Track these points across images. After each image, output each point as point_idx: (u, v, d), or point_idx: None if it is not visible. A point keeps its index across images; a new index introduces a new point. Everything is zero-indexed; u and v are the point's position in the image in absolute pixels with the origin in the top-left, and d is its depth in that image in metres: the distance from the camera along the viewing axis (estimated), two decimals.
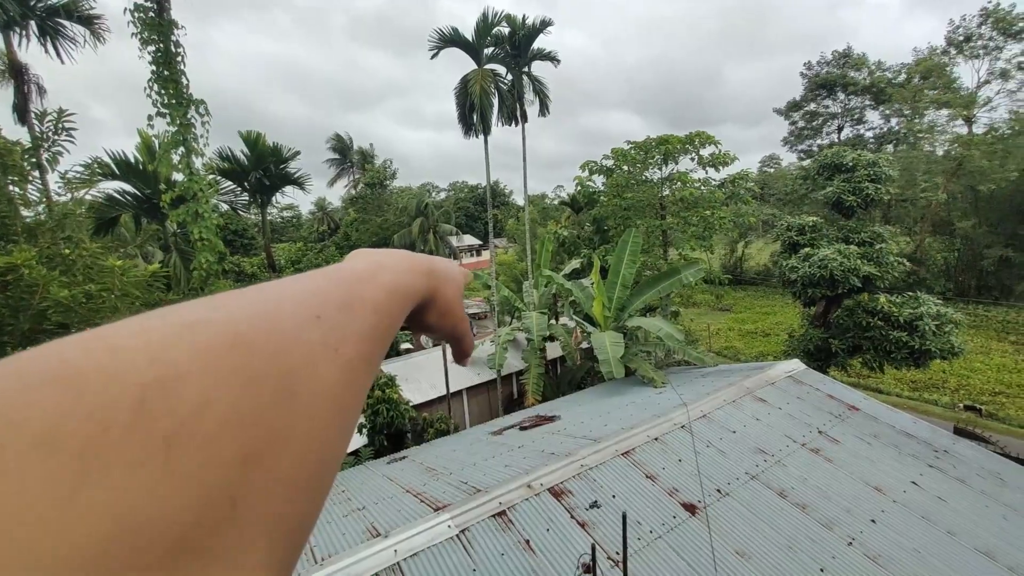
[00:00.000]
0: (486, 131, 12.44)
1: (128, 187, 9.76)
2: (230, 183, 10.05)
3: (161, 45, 7.77)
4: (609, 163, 15.22)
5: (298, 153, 11.32)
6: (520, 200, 72.32)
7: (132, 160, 9.26)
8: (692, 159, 14.01)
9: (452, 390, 12.31)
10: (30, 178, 6.18)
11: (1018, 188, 27.05)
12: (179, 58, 7.85)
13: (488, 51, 12.14)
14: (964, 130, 30.90)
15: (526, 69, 12.89)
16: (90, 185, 8.27)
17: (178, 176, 8.27)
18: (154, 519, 0.17)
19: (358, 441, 10.50)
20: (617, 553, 4.80)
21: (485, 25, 11.65)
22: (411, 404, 10.86)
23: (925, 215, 30.21)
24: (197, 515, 0.19)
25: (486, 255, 63.58)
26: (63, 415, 0.17)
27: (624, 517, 4.11)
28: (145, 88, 7.75)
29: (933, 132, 30.99)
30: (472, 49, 12.02)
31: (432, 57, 12.36)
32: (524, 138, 13.22)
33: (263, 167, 9.73)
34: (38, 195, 6.81)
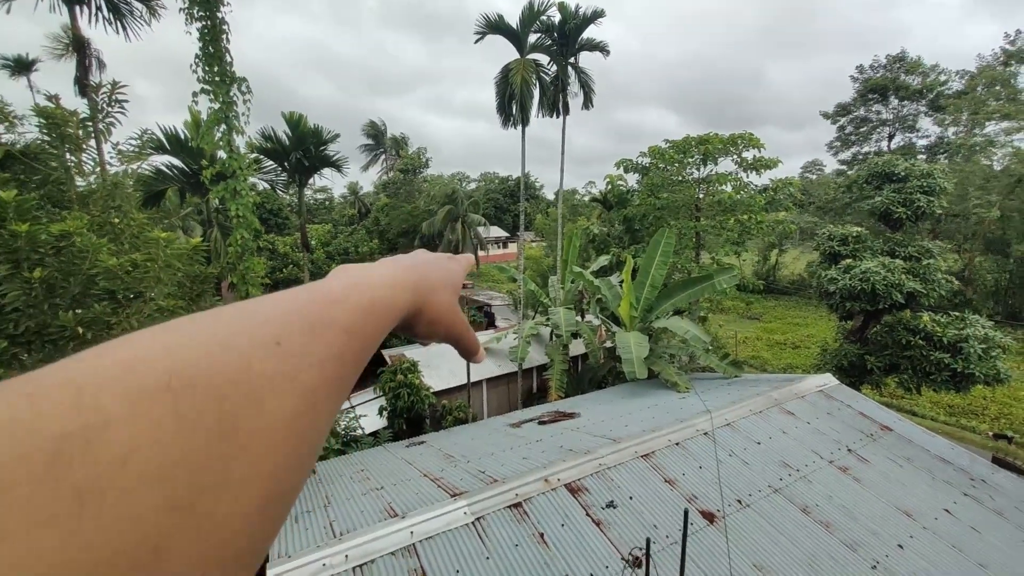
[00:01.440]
0: (524, 122, 12.35)
1: (176, 162, 10.17)
2: (271, 162, 10.35)
3: (208, 22, 7.85)
4: (645, 161, 14.94)
5: (338, 136, 11.51)
6: (550, 194, 71.96)
7: (181, 136, 9.63)
8: (734, 160, 13.60)
9: (472, 380, 12.40)
10: (84, 147, 6.46)
11: None
12: (224, 35, 7.95)
13: (532, 39, 12.02)
14: None
15: (572, 60, 12.70)
16: (142, 158, 8.61)
17: (220, 153, 8.51)
18: None
19: (378, 423, 10.73)
20: (630, 553, 4.77)
21: (531, 13, 11.49)
22: (432, 390, 11.01)
23: (977, 232, 28.65)
24: (112, 569, 0.18)
25: (512, 247, 63.56)
26: None
27: (686, 513, 4.09)
28: (191, 64, 7.94)
29: (994, 145, 29.26)
30: (515, 37, 11.89)
31: (476, 42, 12.35)
32: (564, 131, 13.07)
33: (303, 148, 9.95)
34: (92, 164, 7.11)
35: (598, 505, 5.30)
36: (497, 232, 60.63)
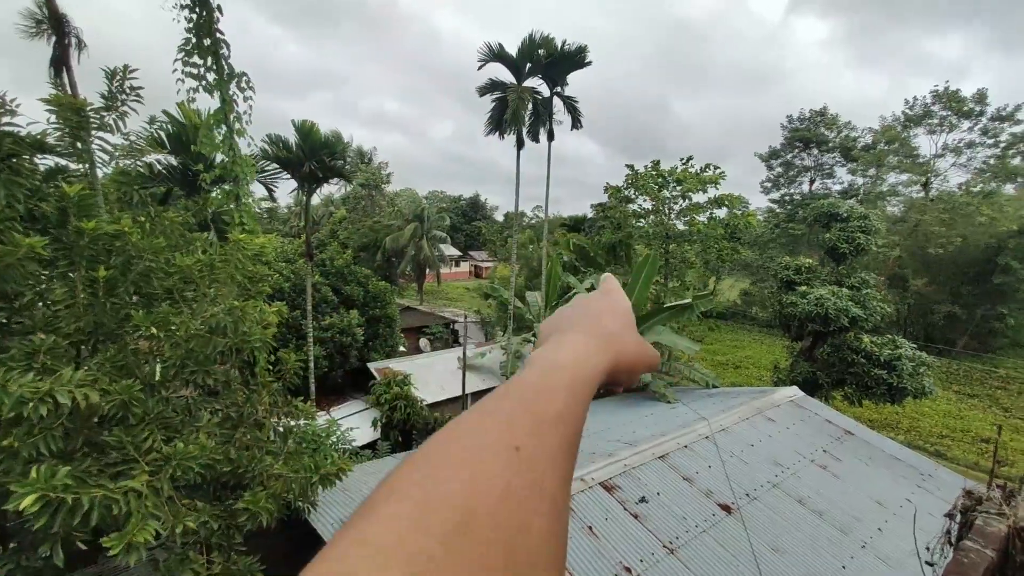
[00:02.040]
0: (520, 144, 13.12)
1: (170, 159, 9.70)
2: (274, 166, 10.13)
3: (201, 11, 7.06)
4: (624, 186, 16.08)
5: (349, 145, 11.56)
6: (500, 216, 73.21)
7: (180, 133, 9.21)
8: (703, 192, 15.02)
9: (460, 394, 12.58)
10: (95, 139, 6.09)
11: (963, 252, 29.89)
12: (218, 23, 7.19)
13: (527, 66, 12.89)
14: (922, 195, 34.01)
15: (558, 89, 13.67)
16: (146, 153, 8.23)
17: (218, 155, 8.11)
18: None
19: (373, 435, 10.62)
20: (671, 542, 5.29)
21: (531, 45, 12.44)
22: (425, 403, 11.09)
23: (883, 269, 32.81)
24: None
25: (465, 266, 63.84)
26: None
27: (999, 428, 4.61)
28: (177, 58, 7.10)
29: (894, 194, 33.94)
30: (514, 66, 12.74)
31: (479, 68, 13.11)
32: (549, 157, 13.96)
33: (316, 158, 9.89)
34: (108, 158, 6.81)
35: (632, 500, 5.78)
36: (451, 251, 60.81)
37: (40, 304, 4.48)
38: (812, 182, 39.25)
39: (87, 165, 6.10)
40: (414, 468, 0.28)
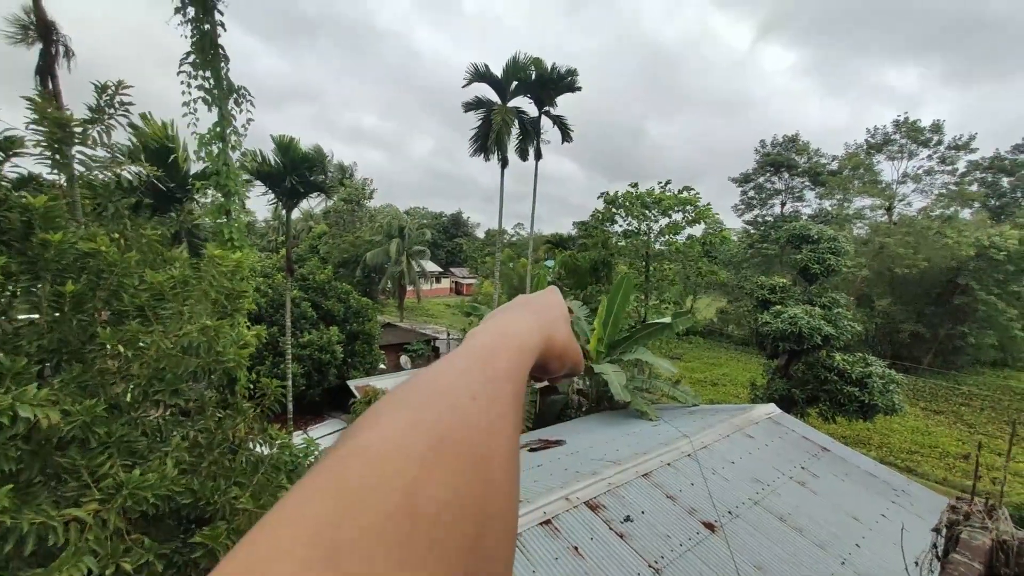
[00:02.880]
0: (504, 163, 13.29)
1: (140, 170, 9.44)
2: (259, 183, 10.04)
3: (203, 24, 7.09)
4: (603, 209, 16.44)
5: (327, 159, 11.51)
6: (481, 233, 73.61)
7: (158, 145, 9.03)
8: (680, 213, 15.47)
9: None
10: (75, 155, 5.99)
11: (926, 274, 31.29)
12: (219, 38, 7.25)
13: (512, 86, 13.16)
14: (886, 218, 35.60)
15: (547, 109, 13.97)
16: (123, 165, 8.01)
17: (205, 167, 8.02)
18: None
19: None
20: (656, 562, 5.27)
21: (515, 66, 12.70)
22: None
23: (851, 290, 34.03)
24: None
25: (445, 283, 63.62)
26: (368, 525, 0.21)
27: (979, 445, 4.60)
28: (181, 71, 7.09)
29: (860, 218, 35.44)
30: (499, 86, 12.98)
31: (464, 86, 13.31)
32: (536, 175, 14.21)
33: (298, 173, 9.81)
34: (84, 169, 6.65)
35: (617, 519, 5.76)
36: (432, 267, 60.63)
37: (2, 318, 4.27)
38: (783, 204, 40.78)
39: (63, 177, 5.92)
40: (391, 404, 0.31)
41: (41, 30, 9.61)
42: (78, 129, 5.85)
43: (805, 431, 9.14)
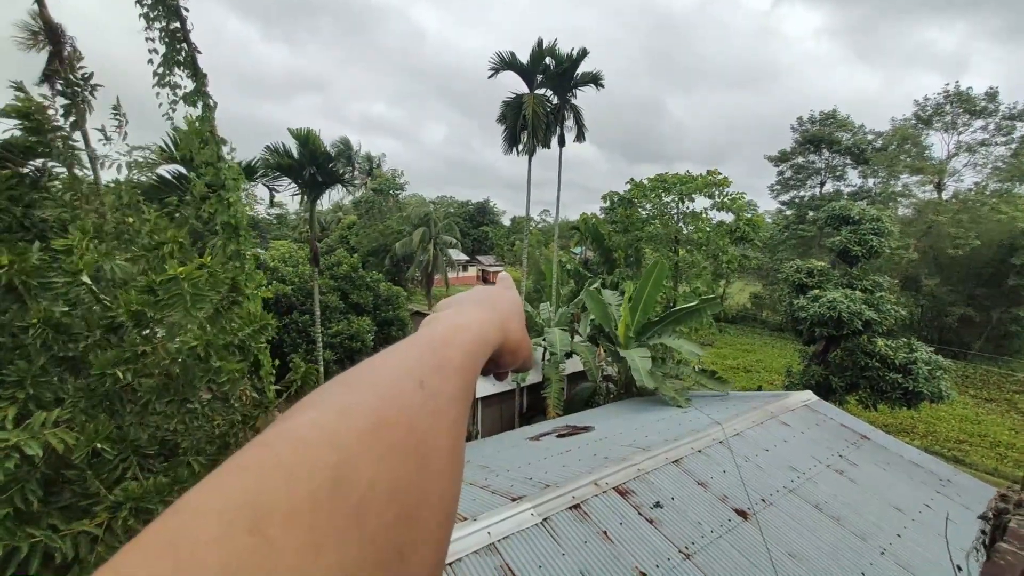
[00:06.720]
0: (532, 151, 13.21)
1: (182, 169, 9.84)
2: (277, 172, 10.24)
3: (171, 22, 6.99)
4: (628, 194, 16.12)
5: (346, 151, 11.70)
6: (507, 220, 73.46)
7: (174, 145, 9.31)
8: (709, 197, 15.02)
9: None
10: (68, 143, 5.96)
11: (978, 253, 29.47)
12: (189, 33, 7.11)
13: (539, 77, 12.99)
14: (935, 195, 33.60)
15: (568, 96, 13.75)
16: (153, 167, 8.28)
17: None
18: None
19: None
20: (687, 548, 5.25)
21: (539, 52, 12.51)
22: None
23: (896, 271, 32.40)
24: (385, 570, 0.23)
25: (472, 271, 63.99)
26: (289, 497, 0.22)
27: None
28: (156, 74, 7.05)
29: (907, 195, 33.55)
30: (526, 74, 12.84)
31: (490, 77, 13.21)
32: (560, 162, 14.04)
33: (316, 164, 9.98)
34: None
35: (646, 505, 5.75)
36: (458, 255, 61.03)
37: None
38: (823, 184, 38.94)
39: (89, 172, 6.10)
40: (331, 389, 0.32)
41: (49, 34, 9.91)
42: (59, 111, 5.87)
43: (844, 419, 8.85)
